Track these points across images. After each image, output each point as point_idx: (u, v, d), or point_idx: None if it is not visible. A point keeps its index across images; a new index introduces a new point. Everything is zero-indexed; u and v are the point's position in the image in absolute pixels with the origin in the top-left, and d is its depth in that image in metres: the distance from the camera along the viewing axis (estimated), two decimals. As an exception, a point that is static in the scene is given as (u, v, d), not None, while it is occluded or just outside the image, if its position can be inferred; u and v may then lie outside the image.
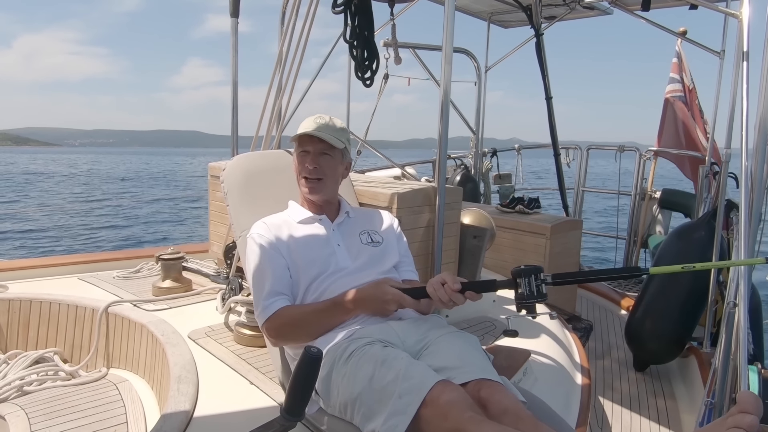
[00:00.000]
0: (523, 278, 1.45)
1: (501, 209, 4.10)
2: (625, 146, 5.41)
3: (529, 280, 1.44)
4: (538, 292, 1.44)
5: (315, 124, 1.79)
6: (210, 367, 2.05)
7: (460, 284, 1.52)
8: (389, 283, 1.60)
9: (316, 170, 1.78)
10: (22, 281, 3.08)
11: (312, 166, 1.78)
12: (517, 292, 1.46)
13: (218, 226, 3.26)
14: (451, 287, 1.50)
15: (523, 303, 1.46)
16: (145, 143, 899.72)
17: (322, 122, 1.80)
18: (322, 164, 1.79)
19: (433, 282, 1.54)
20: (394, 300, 1.57)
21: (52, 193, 30.22)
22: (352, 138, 5.15)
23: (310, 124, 1.79)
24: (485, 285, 1.56)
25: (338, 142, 1.79)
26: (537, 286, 1.44)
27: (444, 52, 2.22)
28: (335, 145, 1.78)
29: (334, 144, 1.78)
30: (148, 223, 18.20)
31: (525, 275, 1.45)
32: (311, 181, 1.80)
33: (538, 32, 4.81)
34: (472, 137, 5.86)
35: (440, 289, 1.52)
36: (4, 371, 2.48)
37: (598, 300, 4.39)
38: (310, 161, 1.78)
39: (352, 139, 5.16)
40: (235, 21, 3.37)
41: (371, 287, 1.61)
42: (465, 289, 1.52)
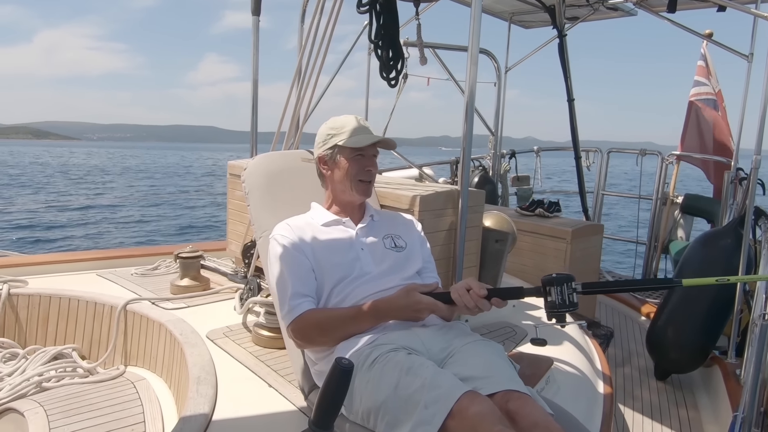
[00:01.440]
0: (555, 287, 1.41)
1: (521, 212, 4.04)
2: (647, 149, 5.32)
3: (562, 288, 1.41)
4: (570, 301, 1.41)
5: (364, 126, 1.81)
6: (228, 369, 2.03)
7: (486, 290, 1.49)
8: (418, 290, 1.57)
9: (372, 173, 1.81)
10: (41, 276, 3.09)
11: (374, 168, 1.81)
12: (547, 300, 1.42)
13: (236, 225, 3.24)
14: (477, 293, 1.48)
15: (554, 312, 1.42)
16: (161, 138, 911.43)
17: (367, 125, 1.82)
18: (375, 165, 1.83)
19: (458, 288, 1.51)
20: (427, 308, 1.54)
21: (73, 188, 30.60)
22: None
23: (360, 128, 1.79)
24: (512, 292, 1.53)
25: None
26: (569, 294, 1.41)
27: (470, 53, 2.18)
28: (390, 147, 1.83)
29: (390, 147, 1.83)
30: (166, 220, 18.35)
31: (557, 284, 1.41)
32: (366, 183, 1.80)
33: (561, 33, 4.74)
34: (490, 138, 5.80)
35: (465, 295, 1.49)
36: (23, 366, 2.48)
37: (618, 306, 4.33)
38: (370, 164, 1.79)
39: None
40: (256, 19, 3.34)
41: (402, 297, 1.57)
42: (491, 296, 1.49)
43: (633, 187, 5.48)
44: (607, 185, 5.55)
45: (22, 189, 28.29)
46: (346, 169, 1.78)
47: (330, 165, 1.81)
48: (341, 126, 1.80)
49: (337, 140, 1.78)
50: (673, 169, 5.16)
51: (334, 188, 1.83)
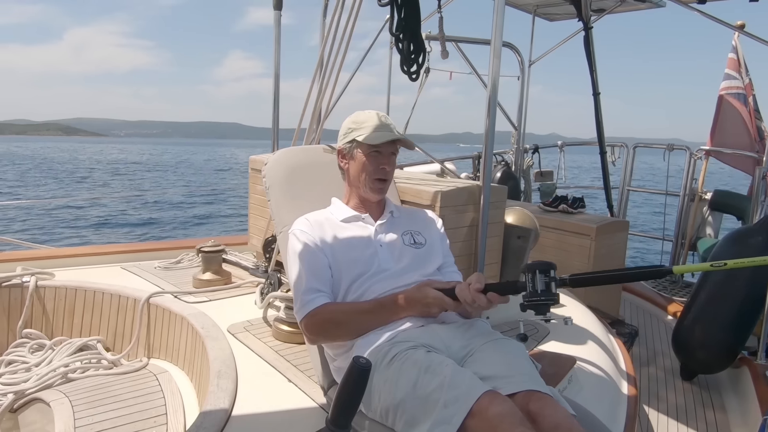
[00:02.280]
0: (527, 274, 1.33)
1: (544, 208, 3.98)
2: (675, 144, 5.20)
3: (533, 276, 1.32)
4: (547, 291, 1.31)
5: (386, 124, 1.78)
6: (249, 363, 2.04)
7: (483, 285, 1.45)
8: (432, 285, 1.56)
9: (389, 172, 1.79)
10: (68, 269, 3.15)
11: (390, 167, 1.78)
12: (527, 289, 1.34)
13: (258, 219, 3.26)
14: (474, 287, 1.45)
15: (527, 302, 1.33)
16: (187, 134, 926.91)
17: (388, 122, 1.80)
18: (392, 164, 1.80)
19: (461, 284, 1.50)
20: (436, 303, 1.53)
21: (100, 183, 31.20)
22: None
23: (382, 127, 1.77)
24: (507, 286, 1.45)
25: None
26: (546, 283, 1.31)
27: (493, 47, 2.14)
28: (408, 147, 1.81)
29: (408, 146, 1.81)
30: (189, 214, 18.60)
31: (529, 271, 1.33)
32: (381, 182, 1.78)
33: (587, 25, 4.65)
34: (513, 133, 5.73)
35: (465, 290, 1.46)
36: (49, 357, 2.54)
37: (644, 304, 4.24)
38: (387, 162, 1.77)
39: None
40: (278, 13, 3.35)
41: (413, 290, 1.57)
42: (487, 290, 1.44)
43: (657, 183, 5.37)
44: (634, 182, 5.44)
45: (56, 183, 28.95)
46: (362, 165, 1.77)
47: (347, 159, 1.81)
48: (363, 121, 1.79)
49: (356, 135, 1.77)
50: (702, 164, 5.03)
51: (351, 182, 1.83)
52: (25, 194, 24.10)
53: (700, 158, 4.97)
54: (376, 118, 1.79)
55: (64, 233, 14.08)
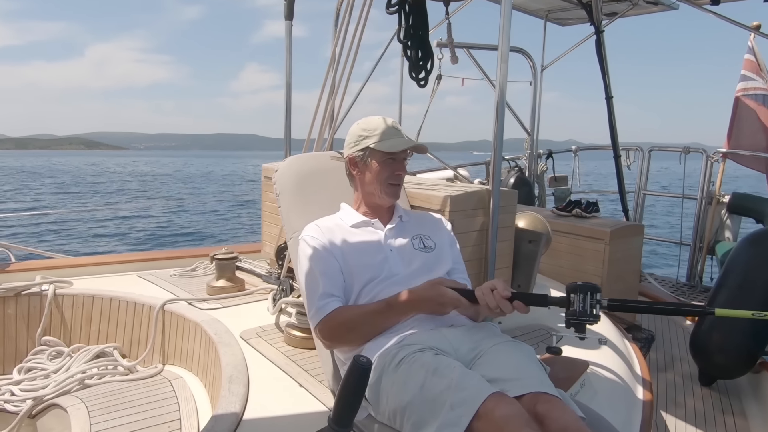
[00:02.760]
0: (578, 294, 1.39)
1: (557, 213, 3.96)
2: (691, 147, 5.14)
3: (584, 297, 1.39)
4: (591, 312, 1.38)
5: (396, 129, 1.80)
6: (260, 368, 2.05)
7: (510, 293, 1.46)
8: (445, 284, 1.56)
9: (402, 177, 1.81)
10: (86, 277, 3.21)
11: (404, 172, 1.81)
12: (569, 308, 1.40)
13: (271, 227, 3.29)
14: (501, 293, 1.45)
15: (573, 320, 1.40)
16: (205, 146, 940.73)
17: (398, 127, 1.81)
18: (405, 169, 1.83)
19: (483, 287, 1.49)
20: (451, 302, 1.53)
21: (118, 194, 31.70)
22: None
23: (394, 133, 1.79)
24: (536, 298, 1.49)
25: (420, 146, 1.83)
26: (591, 305, 1.38)
27: (500, 52, 2.15)
28: (422, 152, 1.83)
29: (422, 151, 1.82)
30: (206, 223, 18.79)
31: (581, 291, 1.39)
32: (395, 186, 1.80)
33: (598, 29, 4.64)
34: (526, 138, 5.72)
35: (489, 295, 1.47)
36: (68, 364, 2.58)
37: (661, 309, 4.19)
38: (401, 168, 1.79)
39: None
40: (289, 23, 3.40)
41: (427, 288, 1.57)
42: (514, 299, 1.46)
43: (678, 187, 5.30)
44: (654, 186, 5.38)
45: (79, 196, 29.47)
46: (376, 173, 1.77)
47: (360, 167, 1.81)
48: (374, 128, 1.79)
49: (369, 142, 1.77)
50: (719, 167, 4.96)
51: (363, 190, 1.83)
52: (47, 205, 24.58)
53: (717, 160, 4.90)
54: (387, 123, 1.80)
55: (83, 242, 14.32)
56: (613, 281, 3.49)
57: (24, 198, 28.40)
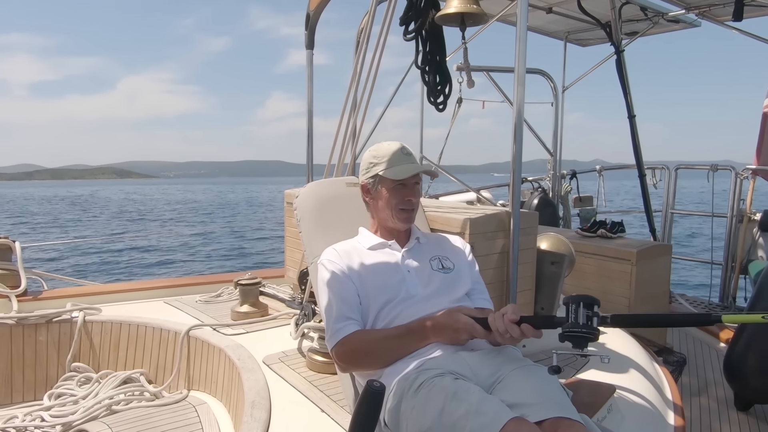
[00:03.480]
0: (571, 305, 1.31)
1: (582, 234, 3.91)
2: (719, 165, 5.04)
3: (577, 307, 1.30)
4: (588, 325, 1.29)
5: (408, 157, 1.81)
6: (283, 393, 2.06)
7: (519, 317, 1.44)
8: (462, 311, 1.55)
9: (413, 202, 1.81)
10: (114, 304, 3.27)
11: (415, 198, 1.81)
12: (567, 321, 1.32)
13: (294, 252, 3.32)
14: (509, 317, 1.43)
15: (568, 332, 1.30)
16: (233, 173, 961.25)
17: (409, 152, 1.83)
18: (417, 193, 1.83)
19: (495, 314, 1.48)
20: (466, 329, 1.52)
21: (145, 221, 32.37)
22: (426, 163, 5.16)
23: (404, 159, 1.80)
24: (543, 320, 1.45)
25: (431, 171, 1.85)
26: (588, 317, 1.29)
27: (516, 74, 2.16)
28: (430, 174, 1.85)
29: (430, 175, 1.85)
30: (232, 248, 19.03)
31: (573, 302, 1.31)
32: (407, 211, 1.81)
33: (618, 49, 4.63)
34: (549, 159, 5.69)
35: (498, 320, 1.45)
36: (96, 390, 2.63)
37: (692, 331, 4.07)
38: (411, 194, 1.80)
39: (426, 164, 5.17)
40: (310, 53, 3.48)
41: (444, 315, 1.57)
42: (522, 322, 1.42)
43: (699, 204, 5.19)
44: (691, 206, 5.27)
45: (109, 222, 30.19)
46: (387, 199, 1.79)
47: (372, 193, 1.83)
48: (383, 154, 1.81)
49: (379, 170, 1.79)
50: (749, 184, 4.85)
51: (377, 215, 1.85)
52: (79, 233, 25.21)
53: (747, 178, 4.79)
54: (397, 149, 1.81)
55: (111, 269, 14.63)
56: (642, 303, 3.41)
57: (59, 226, 29.22)
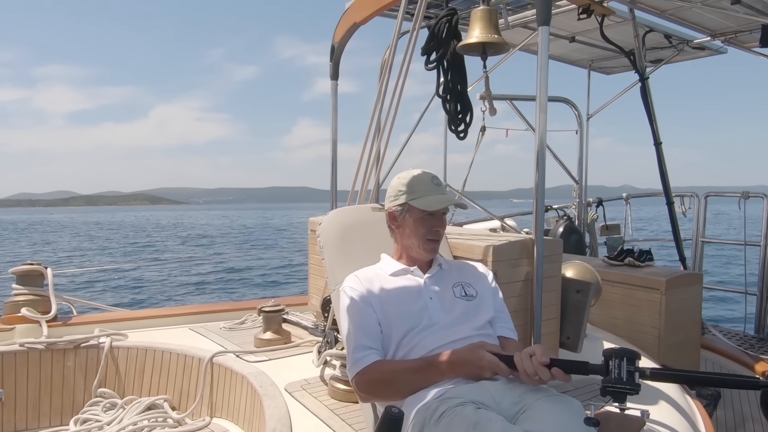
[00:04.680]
0: (614, 360, 1.32)
1: (608, 262, 3.84)
2: (750, 192, 4.92)
3: (621, 362, 1.31)
4: (630, 380, 1.29)
5: (438, 188, 1.81)
6: (304, 422, 2.05)
7: (549, 359, 1.42)
8: (485, 348, 1.54)
9: (441, 233, 1.82)
10: (140, 330, 3.31)
11: (442, 229, 1.81)
12: (607, 375, 1.33)
13: (317, 279, 3.33)
14: (539, 359, 1.41)
15: (610, 387, 1.31)
16: (260, 200, 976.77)
17: (440, 183, 1.83)
18: (444, 224, 1.83)
19: (522, 353, 1.46)
20: (490, 367, 1.50)
21: (178, 247, 32.89)
22: (449, 191, 5.17)
23: (432, 188, 1.80)
24: (576, 365, 1.43)
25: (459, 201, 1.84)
26: (629, 371, 1.30)
27: (538, 102, 2.17)
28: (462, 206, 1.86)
29: (462, 206, 1.88)
30: (257, 275, 19.17)
31: (616, 356, 1.32)
32: (433, 242, 1.81)
33: (642, 77, 4.61)
34: (575, 187, 5.64)
35: (527, 360, 1.43)
36: (120, 416, 2.64)
37: (727, 363, 3.93)
38: (439, 224, 1.80)
39: (449, 191, 5.17)
40: (334, 83, 3.55)
41: (467, 351, 1.55)
42: (553, 365, 1.41)
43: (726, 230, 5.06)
44: (714, 233, 5.16)
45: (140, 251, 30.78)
46: (414, 229, 1.79)
47: (399, 221, 1.83)
48: (414, 184, 1.81)
49: (408, 198, 1.79)
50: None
51: (402, 243, 1.85)
52: (110, 260, 25.74)
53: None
54: (427, 179, 1.82)
55: (139, 295, 14.86)
56: (672, 333, 3.32)
57: (91, 251, 29.90)
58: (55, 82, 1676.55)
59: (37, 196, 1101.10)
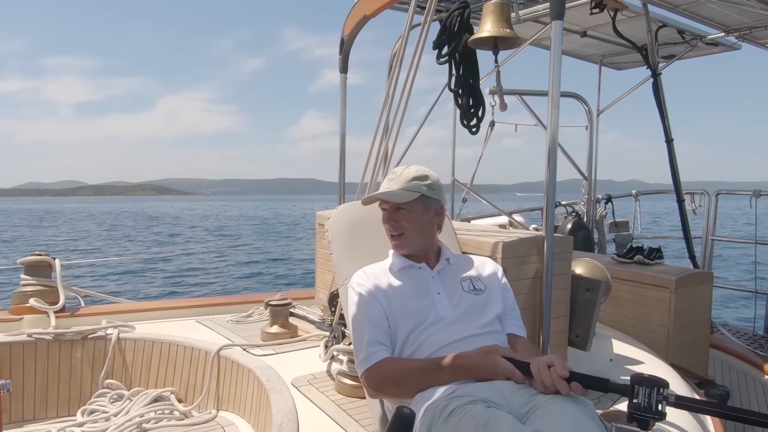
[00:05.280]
0: (643, 387, 1.32)
1: (618, 259, 3.81)
2: (762, 190, 4.87)
3: (651, 392, 1.31)
4: (657, 409, 1.29)
5: (386, 183, 1.82)
6: (310, 416, 2.04)
7: (569, 373, 1.41)
8: (499, 352, 1.52)
9: (394, 227, 1.79)
10: (147, 322, 3.32)
11: (389, 224, 1.79)
12: (632, 401, 1.33)
13: (324, 274, 3.32)
14: (558, 372, 1.40)
15: (637, 415, 1.31)
16: (267, 191, 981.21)
17: (393, 177, 1.81)
18: (399, 220, 1.78)
19: (540, 361, 1.45)
20: (504, 373, 1.50)
21: (184, 239, 33.02)
22: (457, 185, 5.13)
23: (383, 184, 1.83)
24: (597, 382, 1.43)
25: (407, 195, 1.76)
26: (657, 401, 1.30)
27: (550, 97, 2.14)
28: (400, 200, 1.76)
29: (399, 200, 1.76)
30: (264, 268, 19.22)
31: (647, 385, 1.31)
32: (394, 237, 1.80)
33: (655, 72, 4.55)
34: (584, 183, 5.59)
35: (545, 371, 1.42)
36: (127, 407, 2.65)
37: (736, 363, 3.89)
38: (386, 219, 1.80)
39: (457, 186, 5.13)
40: (343, 76, 3.53)
41: (480, 357, 1.54)
42: (572, 379, 1.40)
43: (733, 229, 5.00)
44: (724, 231, 5.10)
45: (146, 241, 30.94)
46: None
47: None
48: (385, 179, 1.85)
49: None
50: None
51: None
52: (117, 251, 25.89)
53: (792, 204, 4.62)
54: (389, 175, 1.83)
55: (146, 287, 14.93)
56: (681, 332, 3.29)
57: (98, 243, 30.08)
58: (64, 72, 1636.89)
59: (45, 185, 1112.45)
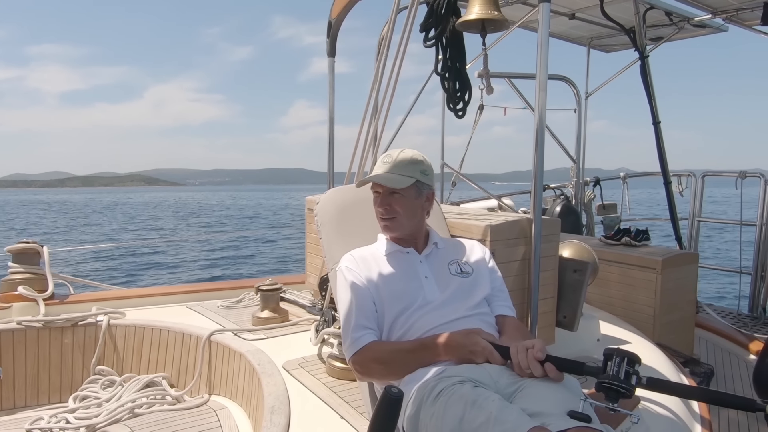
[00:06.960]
0: (615, 358, 1.33)
1: (605, 241, 3.86)
2: (747, 172, 4.92)
3: (621, 362, 1.32)
4: (626, 381, 1.29)
5: (381, 167, 1.80)
6: (302, 399, 2.06)
7: (545, 355, 1.42)
8: (482, 335, 1.54)
9: (387, 211, 1.79)
10: (138, 308, 3.32)
11: (382, 207, 1.79)
12: (604, 371, 1.33)
13: (314, 258, 3.33)
14: (534, 355, 1.42)
15: (605, 383, 1.31)
16: (257, 181, 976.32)
17: (388, 161, 1.80)
18: (392, 204, 1.78)
19: (519, 345, 1.47)
20: (483, 354, 1.51)
21: (172, 227, 32.86)
22: (447, 171, 5.14)
23: (378, 167, 1.81)
24: (572, 365, 1.44)
25: (403, 180, 1.76)
26: (627, 372, 1.30)
27: (538, 80, 2.14)
28: (397, 186, 1.76)
29: (396, 186, 1.76)
30: (254, 254, 19.20)
31: (617, 355, 1.33)
32: (385, 220, 1.80)
33: (642, 55, 4.57)
34: (572, 166, 5.62)
35: (522, 353, 1.44)
36: (119, 393, 2.66)
37: (721, 342, 3.97)
38: (379, 203, 1.80)
39: (447, 172, 5.14)
40: (331, 60, 3.50)
41: (462, 335, 1.56)
42: (547, 361, 1.42)
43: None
44: (711, 213, 5.16)
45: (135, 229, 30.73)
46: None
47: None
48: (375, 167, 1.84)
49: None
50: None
51: None
52: (108, 238, 25.73)
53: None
54: (380, 159, 1.83)
55: (136, 274, 14.89)
56: (667, 312, 3.35)
57: (88, 231, 29.86)
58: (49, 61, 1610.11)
59: (32, 176, 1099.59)
